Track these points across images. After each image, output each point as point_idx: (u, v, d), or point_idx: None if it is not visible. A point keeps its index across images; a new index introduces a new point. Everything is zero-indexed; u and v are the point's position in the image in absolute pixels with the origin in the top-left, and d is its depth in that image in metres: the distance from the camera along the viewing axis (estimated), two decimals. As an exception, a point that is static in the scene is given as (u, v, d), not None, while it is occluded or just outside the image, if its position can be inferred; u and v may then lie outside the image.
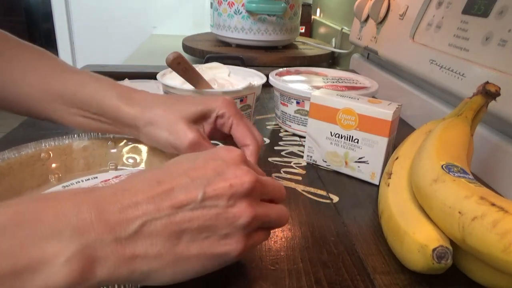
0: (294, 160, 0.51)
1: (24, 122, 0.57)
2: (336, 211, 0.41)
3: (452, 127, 0.40)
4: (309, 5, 1.40)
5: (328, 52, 1.10)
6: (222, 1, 0.99)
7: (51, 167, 0.40)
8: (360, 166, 0.47)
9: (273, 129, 0.61)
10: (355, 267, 0.33)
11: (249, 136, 0.40)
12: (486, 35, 0.50)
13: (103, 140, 0.44)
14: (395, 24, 0.74)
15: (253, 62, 0.95)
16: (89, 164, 0.43)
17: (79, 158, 0.42)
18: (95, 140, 0.43)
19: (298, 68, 0.68)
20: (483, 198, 0.28)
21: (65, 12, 1.54)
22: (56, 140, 0.41)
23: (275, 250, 0.34)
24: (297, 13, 1.06)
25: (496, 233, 0.26)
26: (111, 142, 0.44)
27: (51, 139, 0.41)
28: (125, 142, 0.44)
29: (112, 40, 1.58)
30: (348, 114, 0.45)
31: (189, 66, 0.51)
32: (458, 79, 0.53)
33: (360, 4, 0.86)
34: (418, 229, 0.31)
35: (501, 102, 0.42)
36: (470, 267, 0.31)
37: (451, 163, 0.34)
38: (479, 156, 0.48)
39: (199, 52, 1.00)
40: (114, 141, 0.44)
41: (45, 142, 0.41)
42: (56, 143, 0.41)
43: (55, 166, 0.41)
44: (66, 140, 0.42)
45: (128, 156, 0.44)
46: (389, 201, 0.37)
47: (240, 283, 0.30)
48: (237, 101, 0.55)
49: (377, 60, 0.88)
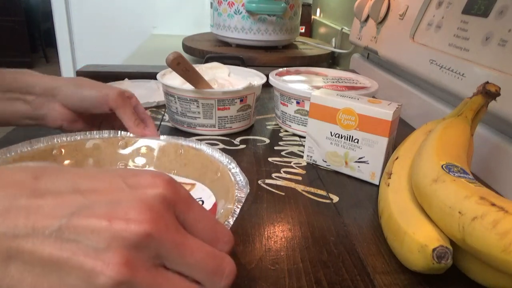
0: (294, 160, 0.51)
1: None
2: (336, 211, 0.41)
3: (452, 127, 0.40)
4: (309, 5, 1.40)
5: (328, 52, 1.10)
6: (222, 1, 0.99)
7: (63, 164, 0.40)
8: (360, 166, 0.47)
9: (273, 129, 0.61)
10: (355, 267, 0.33)
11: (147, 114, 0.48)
12: (486, 35, 0.50)
13: (114, 139, 0.44)
14: (395, 24, 0.74)
15: (253, 62, 0.95)
16: (99, 163, 0.43)
17: (89, 156, 0.42)
18: (106, 139, 0.43)
19: (298, 68, 0.68)
20: (483, 198, 0.28)
21: (65, 12, 1.54)
22: (69, 136, 0.42)
23: (275, 250, 0.34)
24: (297, 13, 1.06)
25: (496, 233, 0.26)
26: (122, 142, 0.44)
27: (63, 135, 0.41)
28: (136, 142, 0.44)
29: (112, 40, 1.58)
30: (348, 114, 0.45)
31: (189, 66, 0.51)
32: (458, 79, 0.53)
33: (360, 4, 0.86)
34: (418, 229, 0.31)
35: (501, 102, 0.42)
36: (470, 267, 0.31)
37: (451, 163, 0.34)
38: (479, 156, 0.48)
39: (199, 52, 1.00)
40: (125, 141, 0.44)
41: (57, 138, 0.41)
42: (68, 139, 0.41)
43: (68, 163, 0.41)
44: (78, 136, 0.42)
45: (139, 156, 0.44)
46: (389, 201, 0.37)
47: (240, 283, 0.30)
48: (237, 101, 0.55)
49: (377, 60, 0.88)
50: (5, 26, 3.79)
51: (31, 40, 4.03)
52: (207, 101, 0.54)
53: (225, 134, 0.57)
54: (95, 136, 0.43)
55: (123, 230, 0.18)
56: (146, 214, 0.19)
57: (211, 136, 0.57)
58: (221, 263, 0.21)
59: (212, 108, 0.54)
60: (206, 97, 0.53)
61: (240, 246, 0.34)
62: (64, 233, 0.18)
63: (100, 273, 0.18)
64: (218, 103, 0.54)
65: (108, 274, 0.18)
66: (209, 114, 0.55)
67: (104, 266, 0.18)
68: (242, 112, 0.57)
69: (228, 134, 0.57)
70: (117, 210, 0.19)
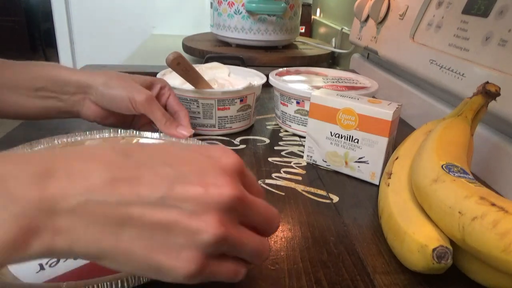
0: (294, 160, 0.51)
1: (24, 122, 0.57)
2: (336, 211, 0.41)
3: (452, 127, 0.40)
4: (309, 5, 1.40)
5: (328, 52, 1.10)
6: (222, 1, 0.99)
7: None
8: (360, 166, 0.47)
9: (273, 129, 0.61)
10: (355, 267, 0.33)
11: (180, 104, 0.50)
12: (486, 35, 0.50)
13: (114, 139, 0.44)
14: (395, 24, 0.74)
15: (253, 62, 0.95)
16: None
17: None
18: (107, 138, 0.43)
19: (298, 68, 0.68)
20: (483, 198, 0.28)
21: (65, 12, 1.54)
22: (69, 137, 0.41)
23: (275, 250, 0.34)
24: (297, 13, 1.06)
25: (496, 233, 0.26)
26: (123, 142, 0.44)
27: (64, 136, 0.41)
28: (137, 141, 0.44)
29: (112, 40, 1.58)
30: (348, 114, 0.45)
31: (189, 66, 0.51)
32: (458, 79, 0.53)
33: (360, 4, 0.86)
34: (418, 229, 0.31)
35: (501, 102, 0.42)
36: (470, 267, 0.31)
37: (451, 163, 0.34)
38: (479, 156, 0.48)
39: (199, 52, 1.00)
40: (125, 140, 0.44)
41: (57, 139, 0.41)
42: (69, 140, 0.41)
43: None
44: (78, 137, 0.42)
45: None
46: (389, 201, 0.37)
47: (240, 283, 0.30)
48: (237, 101, 0.55)
49: (377, 60, 0.88)
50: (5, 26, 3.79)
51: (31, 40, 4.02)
52: (207, 101, 0.54)
53: (225, 134, 0.57)
54: (95, 136, 0.43)
55: (218, 195, 0.21)
56: (231, 180, 0.22)
57: (211, 136, 0.57)
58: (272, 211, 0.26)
59: (212, 108, 0.54)
60: (206, 97, 0.53)
61: (240, 246, 0.34)
62: (166, 201, 0.21)
63: (204, 231, 0.21)
64: (218, 103, 0.54)
65: (211, 231, 0.21)
66: (209, 114, 0.55)
67: (207, 226, 0.21)
68: (242, 112, 0.57)
69: (228, 134, 0.57)
70: (206, 178, 0.22)
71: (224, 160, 0.24)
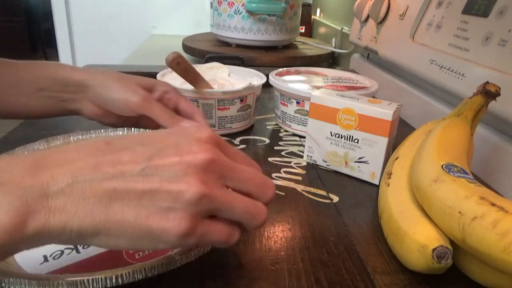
0: (294, 160, 0.51)
1: (24, 122, 0.57)
2: (336, 211, 0.41)
3: (452, 127, 0.40)
4: (309, 5, 1.40)
5: (328, 52, 1.10)
6: (222, 1, 0.99)
7: None
8: (360, 166, 0.47)
9: (273, 129, 0.61)
10: (355, 267, 0.33)
11: (194, 107, 0.48)
12: (486, 35, 0.50)
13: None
14: (395, 24, 0.74)
15: (253, 62, 0.95)
16: None
17: None
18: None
19: (298, 68, 0.68)
20: (483, 198, 0.28)
21: (65, 12, 1.54)
22: (84, 134, 0.42)
23: (275, 250, 0.34)
24: (297, 13, 1.06)
25: (496, 233, 0.26)
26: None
27: (78, 133, 0.42)
28: None
29: (112, 40, 1.58)
30: (348, 114, 0.45)
31: (189, 66, 0.51)
32: (458, 79, 0.53)
33: (360, 4, 0.86)
34: (418, 229, 0.31)
35: (501, 102, 0.42)
36: (470, 267, 0.31)
37: (451, 163, 0.34)
38: (479, 156, 0.48)
39: (199, 52, 1.00)
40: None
41: (73, 136, 0.41)
42: (83, 137, 0.42)
43: None
44: (93, 134, 0.42)
45: None
46: (389, 201, 0.37)
47: (240, 283, 0.30)
48: (237, 101, 0.55)
49: (377, 60, 0.88)
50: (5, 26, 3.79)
51: (31, 40, 4.02)
52: (207, 101, 0.54)
53: (225, 134, 0.57)
54: (109, 133, 0.43)
55: (193, 159, 0.24)
56: (205, 146, 0.24)
57: (211, 136, 0.56)
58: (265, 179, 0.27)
59: (212, 108, 0.54)
60: (206, 97, 0.53)
61: (240, 246, 0.34)
62: (147, 172, 0.23)
63: (185, 191, 0.23)
64: (218, 103, 0.54)
65: (192, 190, 0.23)
66: (209, 114, 0.55)
67: (187, 186, 0.23)
68: (242, 112, 0.57)
69: (228, 134, 0.57)
70: (182, 148, 0.24)
71: (198, 134, 0.26)
